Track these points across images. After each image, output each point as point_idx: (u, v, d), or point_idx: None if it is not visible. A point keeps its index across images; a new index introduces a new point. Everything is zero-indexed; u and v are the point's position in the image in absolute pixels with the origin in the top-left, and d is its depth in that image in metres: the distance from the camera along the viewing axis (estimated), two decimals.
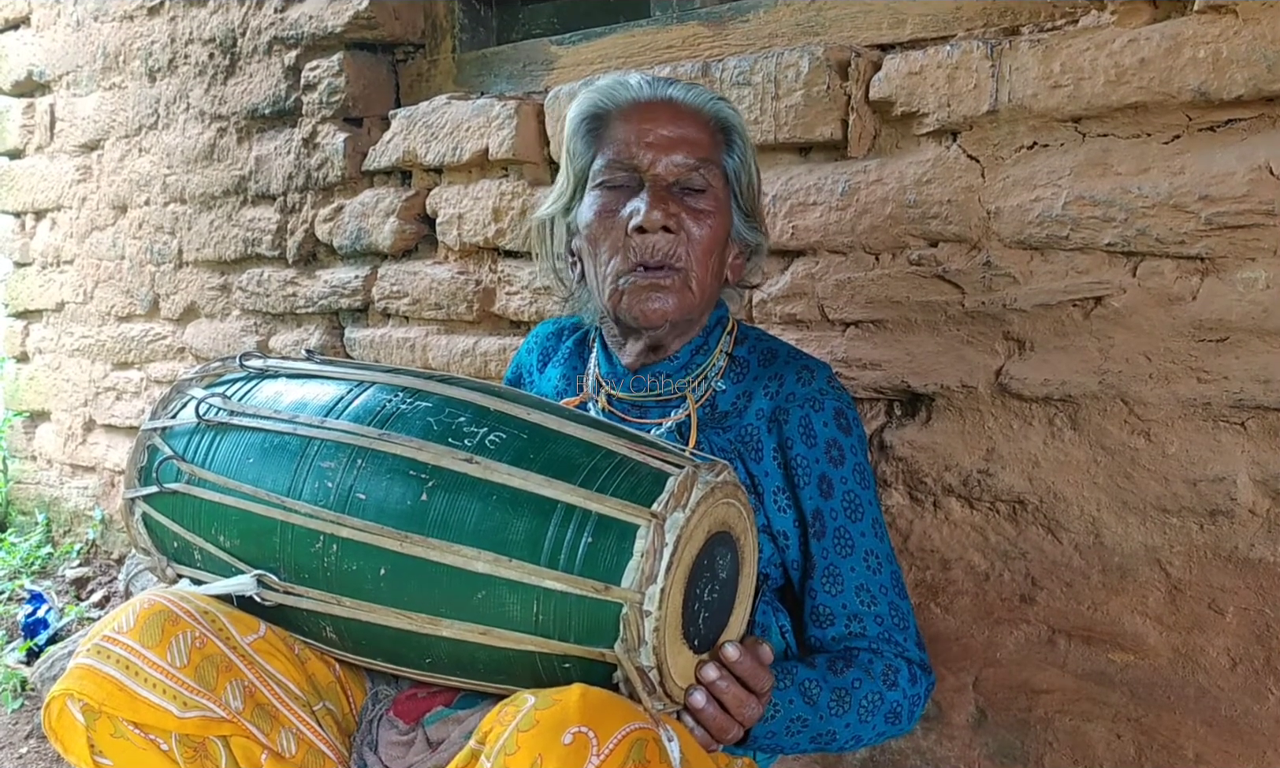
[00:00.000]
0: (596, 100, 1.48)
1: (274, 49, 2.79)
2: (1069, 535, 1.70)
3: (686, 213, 1.43)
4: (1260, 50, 1.44)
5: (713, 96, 1.50)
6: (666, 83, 1.49)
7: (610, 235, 1.44)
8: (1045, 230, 1.64)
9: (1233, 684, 1.58)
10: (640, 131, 1.44)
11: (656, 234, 1.41)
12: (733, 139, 1.50)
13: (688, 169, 1.44)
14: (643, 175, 1.43)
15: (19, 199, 3.74)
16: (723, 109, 1.49)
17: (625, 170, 1.44)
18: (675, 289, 1.43)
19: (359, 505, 1.19)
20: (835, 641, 1.41)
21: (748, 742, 1.31)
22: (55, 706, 1.25)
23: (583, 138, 1.48)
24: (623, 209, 1.43)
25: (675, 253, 1.43)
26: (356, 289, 2.67)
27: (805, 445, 1.43)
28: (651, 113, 1.45)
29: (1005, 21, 1.77)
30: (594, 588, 1.10)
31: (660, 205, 1.41)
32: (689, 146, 1.44)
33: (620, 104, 1.47)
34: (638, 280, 1.43)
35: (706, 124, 1.47)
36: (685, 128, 1.45)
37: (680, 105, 1.47)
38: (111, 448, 3.51)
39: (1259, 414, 1.52)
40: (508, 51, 2.55)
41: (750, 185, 1.52)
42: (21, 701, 2.76)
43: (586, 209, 1.47)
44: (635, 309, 1.43)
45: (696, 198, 1.45)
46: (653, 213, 1.40)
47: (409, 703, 1.37)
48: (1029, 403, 1.70)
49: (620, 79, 1.50)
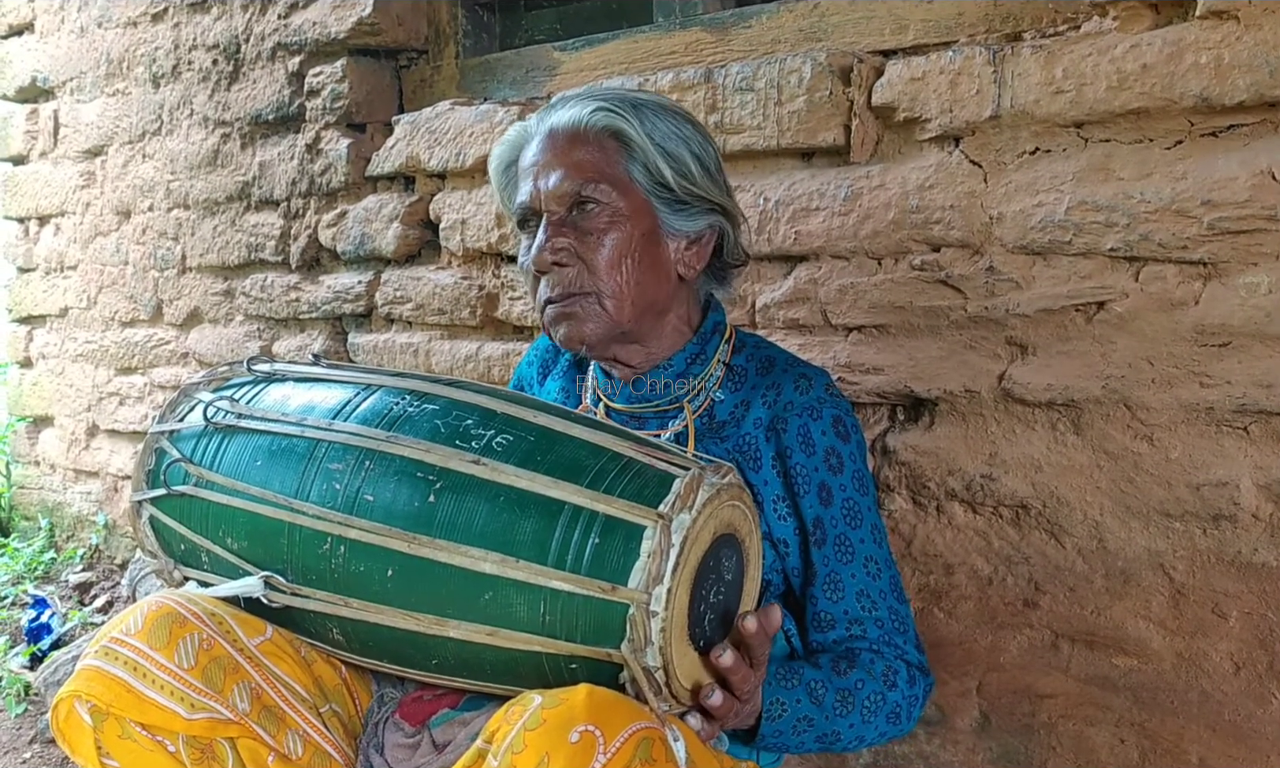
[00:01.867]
0: (504, 151, 1.55)
1: (278, 55, 2.79)
2: (1072, 540, 1.70)
3: (577, 237, 1.44)
4: (1262, 56, 1.45)
5: (595, 108, 1.45)
6: (561, 106, 1.48)
7: (529, 275, 1.50)
8: (1048, 235, 1.64)
9: (1236, 689, 1.59)
10: (531, 170, 1.47)
11: (550, 271, 1.45)
12: (626, 141, 1.45)
13: (572, 195, 1.44)
14: (539, 212, 1.46)
15: (23, 205, 3.75)
16: (606, 118, 1.45)
17: (528, 212, 1.48)
18: (587, 313, 1.45)
19: (366, 507, 1.20)
20: (836, 643, 1.42)
21: (755, 741, 1.31)
22: (63, 707, 1.25)
23: (503, 187, 1.56)
24: (529, 249, 1.48)
25: (576, 281, 1.45)
26: (360, 294, 2.68)
27: (804, 454, 1.44)
28: (539, 148, 1.48)
29: (1007, 27, 1.78)
30: (601, 589, 1.10)
31: (546, 244, 1.44)
32: (571, 170, 1.44)
33: (520, 146, 1.52)
34: (551, 311, 1.47)
35: (594, 139, 1.45)
36: (567, 153, 1.44)
37: (559, 132, 1.46)
38: (115, 453, 3.51)
39: (1262, 419, 1.53)
40: (511, 57, 2.56)
41: (674, 174, 1.45)
42: (25, 706, 2.76)
43: (520, 251, 1.53)
44: (556, 338, 1.48)
45: (588, 218, 1.44)
46: (542, 254, 1.45)
47: (415, 705, 1.38)
48: (1032, 408, 1.71)
49: (522, 122, 1.54)
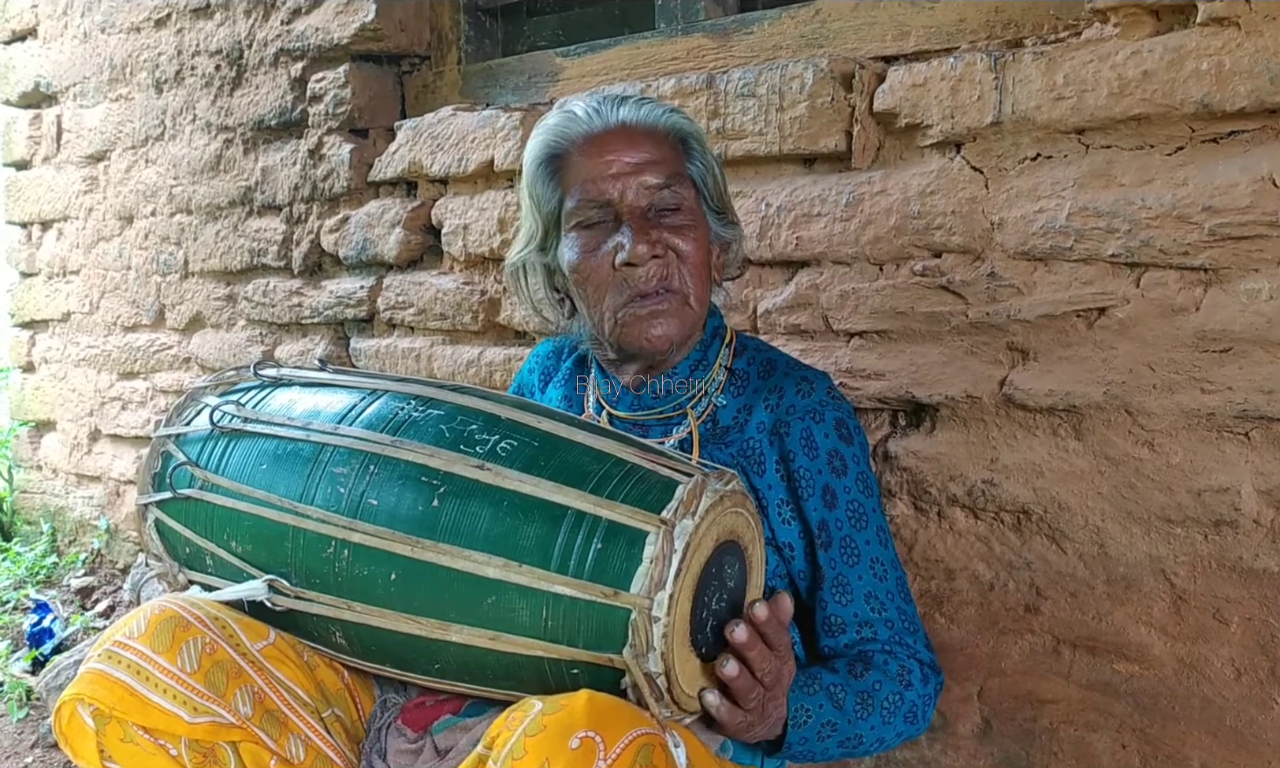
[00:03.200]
0: (550, 140, 1.47)
1: (280, 61, 2.80)
2: (1073, 546, 1.70)
3: (669, 233, 1.43)
4: (1263, 62, 1.45)
5: (665, 110, 1.48)
6: (615, 104, 1.47)
7: (598, 274, 1.43)
8: (1049, 241, 1.65)
9: (1237, 694, 1.59)
10: (604, 165, 1.43)
11: (647, 265, 1.41)
12: (690, 146, 1.48)
13: (658, 190, 1.43)
14: (616, 208, 1.43)
15: (26, 210, 3.75)
16: (676, 120, 1.48)
17: (598, 207, 1.43)
18: (674, 311, 1.44)
19: (371, 511, 1.20)
20: (848, 647, 1.42)
21: (782, 749, 1.31)
22: (66, 710, 1.26)
23: (544, 181, 1.47)
24: (605, 246, 1.43)
25: (669, 276, 1.43)
26: (362, 299, 2.68)
27: (807, 457, 1.44)
28: (609, 143, 1.44)
29: (1009, 34, 1.78)
30: (603, 594, 1.10)
31: (643, 237, 1.40)
32: (654, 167, 1.43)
33: (575, 139, 1.45)
34: (637, 310, 1.42)
35: (664, 139, 1.46)
36: (645, 149, 1.44)
37: (634, 128, 1.45)
38: (117, 458, 3.51)
39: (1263, 425, 1.53)
40: (513, 63, 2.56)
41: (716, 185, 1.51)
42: (27, 710, 2.76)
43: (568, 251, 1.46)
44: (640, 339, 1.43)
45: (674, 216, 1.44)
46: (638, 247, 1.40)
47: (417, 711, 1.38)
48: (1033, 413, 1.71)
49: (568, 113, 1.48)
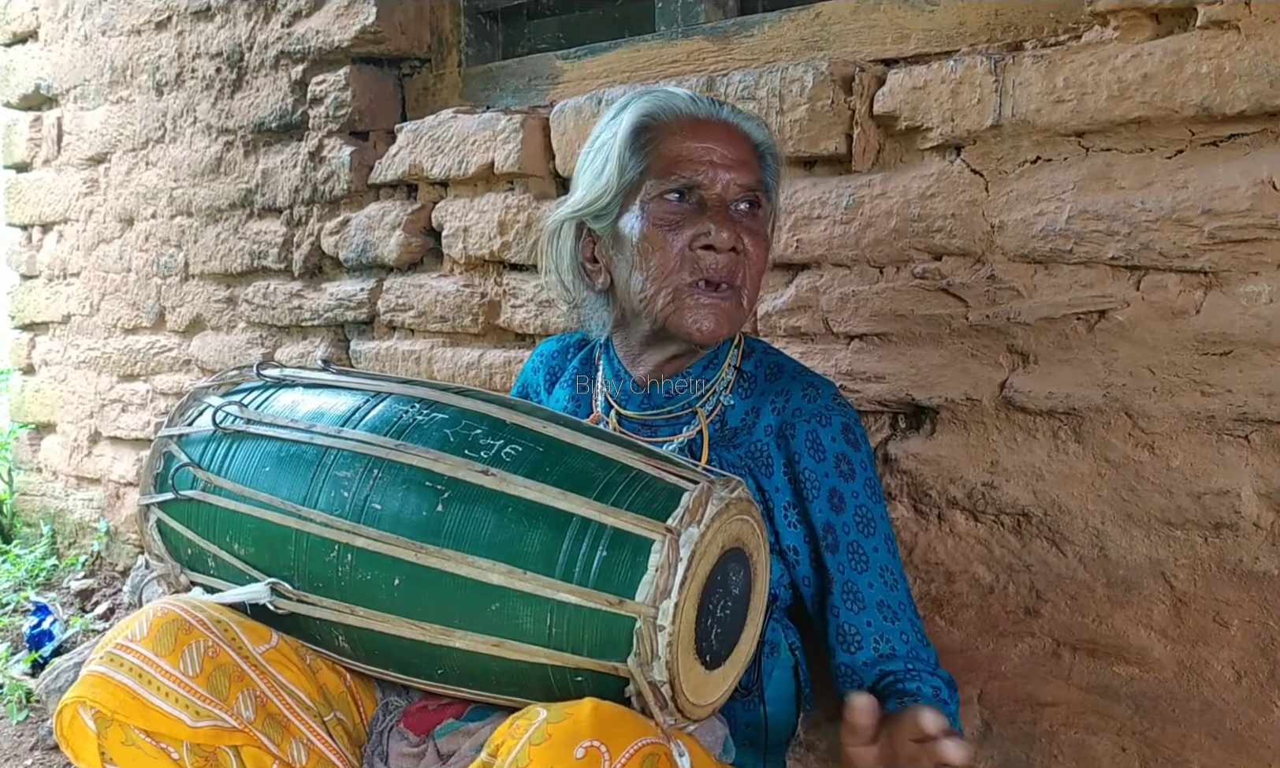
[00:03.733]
0: (650, 110, 1.48)
1: (281, 63, 2.80)
2: (1073, 548, 1.70)
3: (746, 233, 1.45)
4: (1263, 65, 1.45)
5: (758, 122, 1.53)
6: (717, 102, 1.51)
7: (668, 249, 1.44)
8: (1049, 244, 1.65)
9: (1238, 697, 1.59)
10: (703, 149, 1.45)
11: (724, 254, 1.43)
12: (768, 163, 1.53)
13: (745, 190, 1.47)
14: (703, 193, 1.44)
15: (26, 212, 3.75)
16: (767, 135, 1.53)
17: (687, 187, 1.45)
18: (730, 310, 1.45)
19: (374, 516, 1.20)
20: (867, 666, 1.41)
21: None
22: (67, 713, 1.25)
23: (631, 149, 1.47)
24: (684, 224, 1.44)
25: (736, 272, 1.45)
26: (362, 302, 2.69)
27: (813, 459, 1.44)
28: (711, 132, 1.46)
29: (1008, 37, 1.78)
30: (608, 602, 1.10)
31: (729, 226, 1.42)
32: (745, 169, 1.47)
33: (677, 117, 1.47)
34: (701, 297, 1.44)
35: (755, 148, 1.50)
36: (740, 150, 1.48)
37: (734, 128, 1.49)
38: (117, 460, 3.51)
39: (1263, 427, 1.53)
40: (513, 66, 2.57)
41: (776, 205, 1.58)
42: (26, 712, 2.75)
43: (639, 221, 1.46)
44: (691, 325, 1.44)
45: (752, 219, 1.48)
46: (722, 233, 1.42)
47: (420, 715, 1.38)
48: (1033, 416, 1.71)
49: (667, 92, 1.51)
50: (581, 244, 1.54)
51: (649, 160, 1.46)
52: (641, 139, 1.47)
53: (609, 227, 1.49)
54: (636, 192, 1.46)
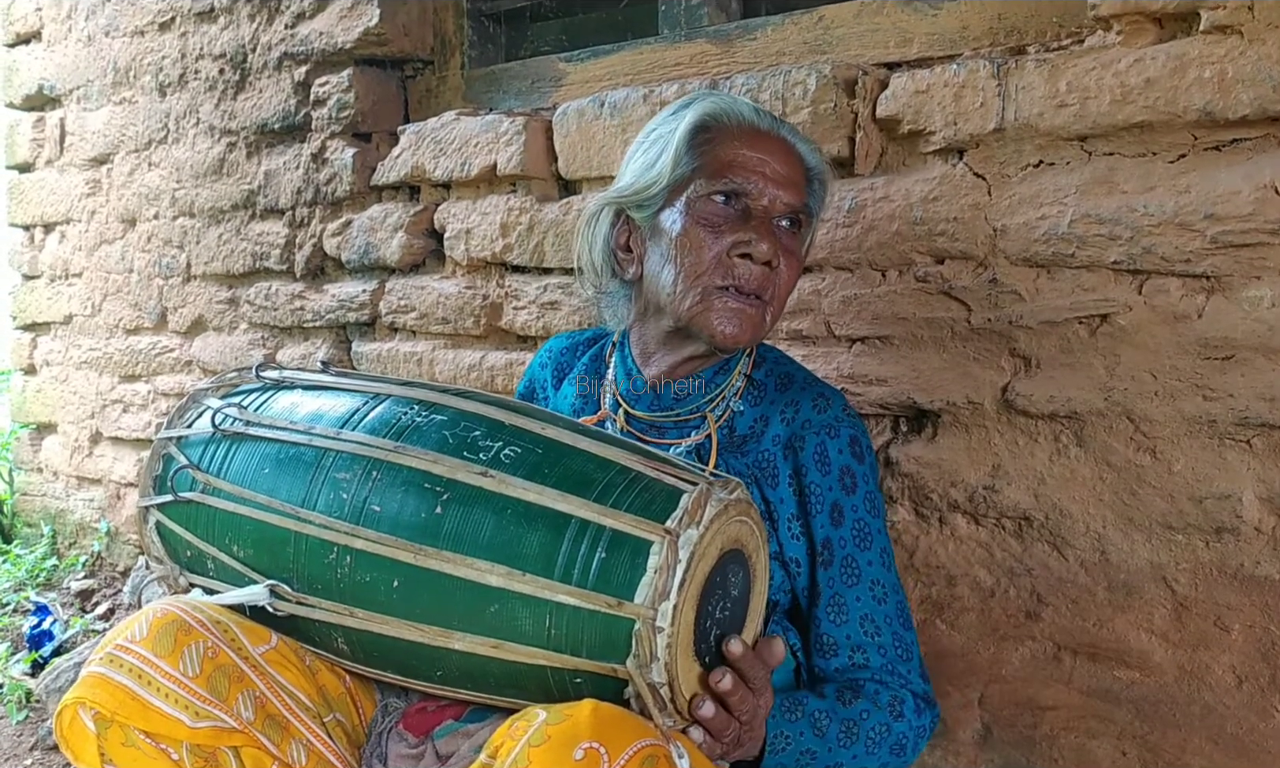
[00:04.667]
0: (714, 111, 1.48)
1: (284, 65, 2.80)
2: (1075, 552, 1.70)
3: (783, 251, 1.46)
4: (1265, 70, 1.45)
5: (814, 147, 1.54)
6: (778, 119, 1.53)
7: (706, 249, 1.44)
8: (1051, 248, 1.65)
9: (1238, 702, 1.59)
10: (757, 160, 1.46)
11: (759, 266, 1.44)
12: (815, 189, 1.54)
13: (791, 209, 1.48)
14: (749, 202, 1.46)
15: (28, 212, 3.76)
16: (820, 161, 1.54)
17: (736, 193, 1.45)
18: (755, 320, 1.46)
19: (373, 517, 1.20)
20: (839, 672, 1.42)
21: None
22: (67, 714, 1.25)
23: (689, 146, 1.47)
24: (725, 229, 1.44)
25: (767, 286, 1.46)
26: (364, 303, 2.69)
27: (819, 473, 1.44)
28: (767, 145, 1.47)
29: (1011, 41, 1.78)
30: (607, 603, 1.10)
31: (770, 239, 1.43)
32: (794, 189, 1.48)
33: (738, 123, 1.48)
34: (730, 301, 1.44)
35: (806, 170, 1.52)
36: (792, 169, 1.49)
37: (791, 147, 1.50)
38: (118, 460, 3.52)
39: (1264, 432, 1.53)
40: (516, 68, 2.57)
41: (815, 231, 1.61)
42: (26, 713, 2.75)
43: (681, 216, 1.46)
44: (716, 326, 1.44)
45: (791, 238, 1.49)
46: (763, 244, 1.42)
47: (419, 716, 1.38)
48: (1035, 420, 1.71)
49: (730, 98, 1.52)
50: (617, 231, 1.54)
51: (703, 159, 1.46)
52: (700, 138, 1.47)
53: (650, 217, 1.50)
54: (684, 188, 1.47)
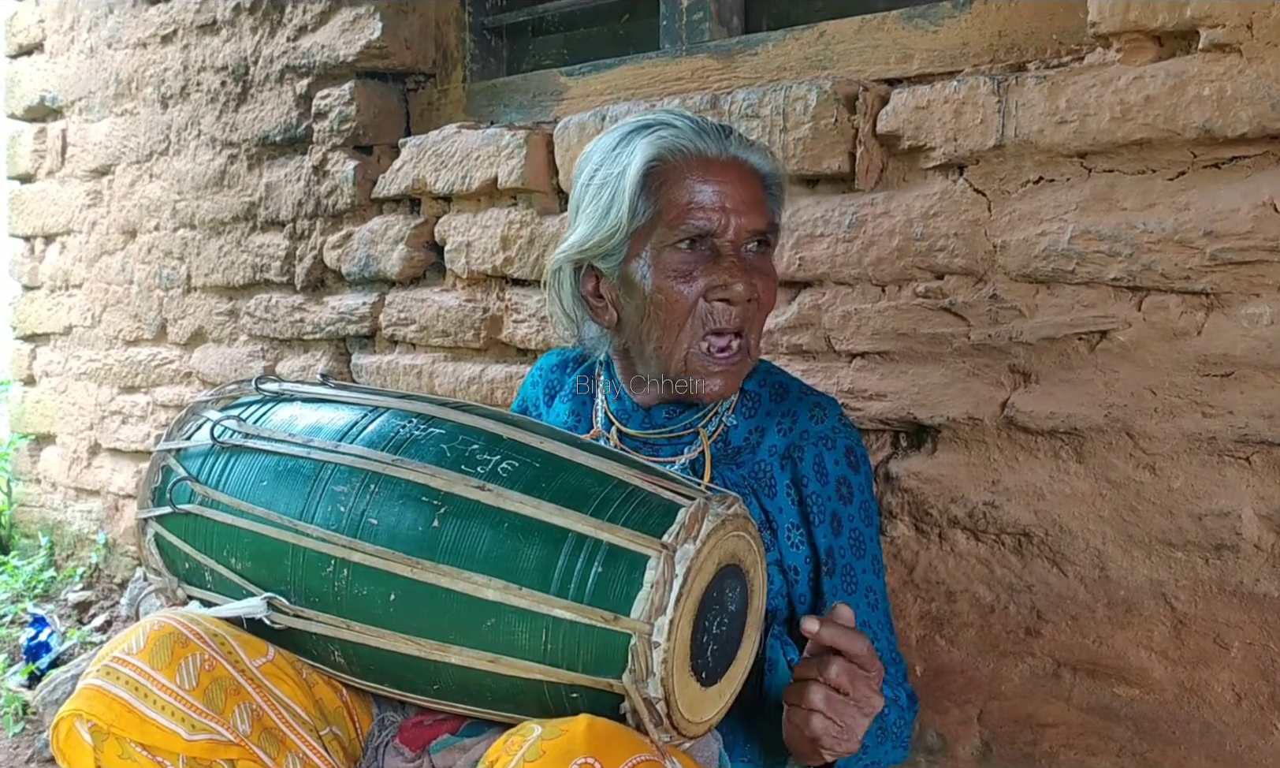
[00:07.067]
0: (657, 153, 1.41)
1: (286, 77, 2.81)
2: (1074, 569, 1.70)
3: (758, 276, 1.42)
4: (1264, 88, 1.46)
5: (764, 152, 1.47)
6: (722, 131, 1.44)
7: (682, 302, 1.41)
8: (1051, 264, 1.65)
9: (1238, 719, 1.58)
10: (714, 193, 1.40)
11: (739, 305, 1.41)
12: (773, 192, 1.48)
13: (758, 233, 1.43)
14: (715, 240, 1.41)
15: (29, 223, 3.76)
16: (773, 165, 1.48)
17: (699, 235, 1.41)
18: (738, 367, 1.44)
19: (371, 531, 1.20)
20: None
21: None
22: (63, 726, 1.25)
23: (644, 194, 1.41)
24: (697, 274, 1.40)
25: (745, 321, 1.43)
26: (364, 316, 2.69)
27: (819, 483, 1.45)
28: (721, 172, 1.41)
29: (1011, 58, 1.79)
30: (603, 618, 1.10)
31: (744, 277, 1.39)
32: (757, 210, 1.43)
33: (682, 161, 1.41)
34: (711, 365, 1.42)
35: (763, 180, 1.46)
36: (751, 189, 1.43)
37: (743, 164, 1.43)
38: (116, 472, 3.51)
39: (1264, 449, 1.53)
40: (518, 82, 2.57)
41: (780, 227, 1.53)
42: (23, 724, 2.75)
43: (650, 270, 1.42)
44: (704, 390, 1.43)
45: (763, 260, 1.45)
46: (737, 285, 1.38)
47: (415, 730, 1.37)
48: (1034, 436, 1.71)
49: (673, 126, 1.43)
50: (583, 278, 1.49)
51: (659, 205, 1.41)
52: (651, 182, 1.41)
53: (616, 267, 1.45)
54: (647, 236, 1.42)
